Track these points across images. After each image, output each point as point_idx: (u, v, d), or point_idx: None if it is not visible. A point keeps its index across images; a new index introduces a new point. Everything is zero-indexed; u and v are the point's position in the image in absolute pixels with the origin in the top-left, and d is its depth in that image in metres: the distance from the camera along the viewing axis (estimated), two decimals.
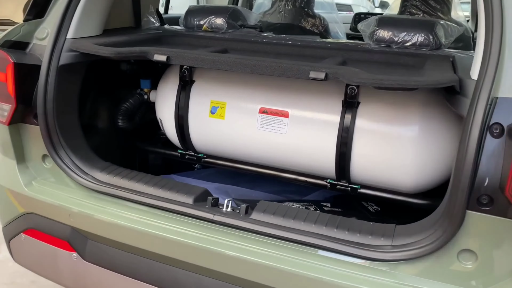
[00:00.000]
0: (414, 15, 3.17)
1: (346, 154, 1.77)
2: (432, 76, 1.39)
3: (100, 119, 2.22)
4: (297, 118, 1.85)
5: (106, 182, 1.82)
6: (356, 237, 1.48)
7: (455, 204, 1.29)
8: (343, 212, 2.21)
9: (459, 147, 1.29)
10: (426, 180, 1.76)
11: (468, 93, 1.32)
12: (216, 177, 2.54)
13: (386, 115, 1.74)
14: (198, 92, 2.02)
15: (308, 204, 2.25)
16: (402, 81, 1.36)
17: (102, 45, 1.84)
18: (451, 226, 1.31)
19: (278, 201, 2.25)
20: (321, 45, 2.12)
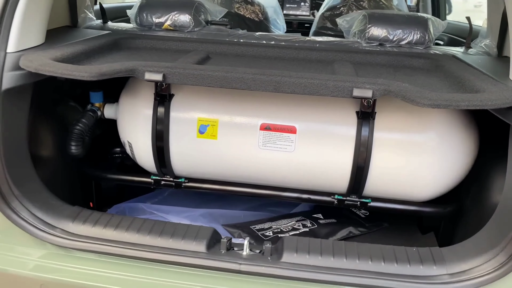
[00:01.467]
0: (359, 1, 3.10)
1: (364, 168, 1.61)
2: (494, 93, 1.27)
3: (47, 148, 1.76)
4: (307, 134, 1.63)
5: (84, 235, 1.43)
6: (407, 268, 1.34)
7: None
8: (337, 222, 2.08)
9: None
10: (442, 188, 1.69)
11: None
12: (176, 197, 2.23)
13: (404, 124, 1.61)
14: (180, 108, 1.68)
15: (302, 219, 2.07)
16: (477, 100, 1.22)
17: (61, 61, 1.40)
18: None
19: (269, 219, 2.05)
20: (311, 45, 1.90)
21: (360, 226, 2.06)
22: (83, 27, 2.07)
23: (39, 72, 1.34)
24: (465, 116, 1.64)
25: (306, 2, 4.68)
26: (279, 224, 2.00)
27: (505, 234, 1.27)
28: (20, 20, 1.39)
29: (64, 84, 1.90)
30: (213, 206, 2.12)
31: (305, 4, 4.66)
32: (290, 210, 2.17)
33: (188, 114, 1.67)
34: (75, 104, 2.02)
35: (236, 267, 1.35)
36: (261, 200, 2.19)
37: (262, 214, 2.11)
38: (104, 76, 1.34)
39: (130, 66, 1.36)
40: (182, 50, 1.82)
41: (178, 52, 1.80)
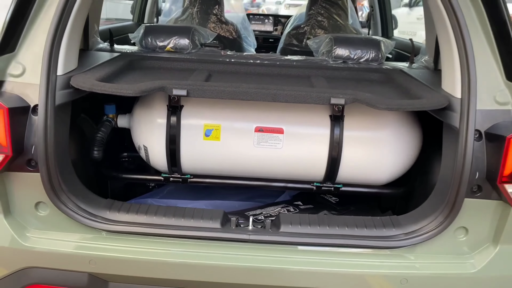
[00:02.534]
0: (320, 22, 3.61)
1: (336, 160, 2.06)
2: (431, 99, 1.76)
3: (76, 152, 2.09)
4: (292, 134, 2.07)
5: (120, 221, 1.78)
6: (374, 231, 1.80)
7: (457, 196, 1.68)
8: (314, 207, 2.52)
9: (456, 151, 1.68)
10: (396, 173, 2.17)
11: (453, 107, 1.72)
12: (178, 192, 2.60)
13: (366, 124, 2.08)
14: (189, 117, 2.06)
15: (286, 206, 2.50)
16: (419, 104, 1.70)
17: (101, 80, 1.76)
18: (453, 212, 1.71)
19: (259, 207, 2.46)
20: (289, 63, 2.35)
21: (333, 209, 2.52)
22: (94, 49, 2.41)
23: (92, 91, 1.70)
24: (411, 117, 2.13)
25: (269, 19, 5.17)
26: (267, 210, 2.42)
27: (442, 202, 1.75)
28: (65, 48, 1.74)
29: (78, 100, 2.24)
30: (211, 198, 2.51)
31: (269, 21, 5.15)
32: (274, 200, 2.59)
33: (196, 121, 2.07)
34: (85, 116, 2.36)
35: (246, 237, 1.75)
36: (250, 193, 2.60)
37: (252, 203, 2.51)
38: (143, 93, 1.72)
39: (161, 84, 1.75)
40: (186, 69, 2.21)
41: (183, 70, 2.19)
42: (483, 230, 1.77)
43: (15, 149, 1.64)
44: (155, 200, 2.40)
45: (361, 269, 1.75)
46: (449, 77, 1.80)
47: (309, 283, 1.74)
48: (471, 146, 1.64)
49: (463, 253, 1.79)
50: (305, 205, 2.52)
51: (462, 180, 1.66)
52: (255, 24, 5.04)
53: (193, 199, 2.47)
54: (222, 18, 3.72)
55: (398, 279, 1.72)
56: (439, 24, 1.81)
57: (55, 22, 1.67)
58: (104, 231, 1.76)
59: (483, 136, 1.67)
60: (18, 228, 1.77)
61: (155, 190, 2.61)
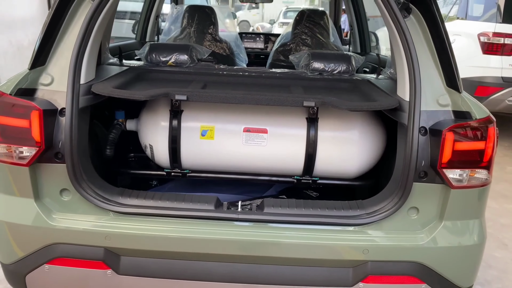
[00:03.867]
0: (304, 40, 4.03)
1: (312, 156, 2.45)
2: (384, 101, 2.15)
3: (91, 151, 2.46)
4: (274, 133, 2.45)
5: (131, 204, 2.15)
6: (342, 212, 2.17)
7: (407, 180, 2.06)
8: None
9: (405, 143, 2.06)
10: (364, 167, 2.55)
11: (404, 108, 2.11)
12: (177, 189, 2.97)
13: (338, 125, 2.47)
14: (188, 119, 2.45)
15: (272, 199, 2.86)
16: (373, 105, 2.09)
17: (117, 88, 2.15)
18: (405, 194, 2.09)
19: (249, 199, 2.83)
20: (273, 75, 2.75)
21: None
22: (106, 64, 2.81)
23: (111, 96, 2.09)
24: (376, 119, 2.52)
25: (260, 37, 5.62)
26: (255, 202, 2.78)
27: (396, 187, 2.13)
28: (86, 62, 2.13)
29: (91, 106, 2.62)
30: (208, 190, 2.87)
31: (260, 39, 5.59)
32: (262, 194, 2.96)
33: (194, 123, 2.45)
34: (97, 121, 2.74)
35: (235, 216, 2.13)
36: (242, 188, 2.98)
37: (242, 197, 2.88)
38: (152, 97, 2.11)
39: (166, 91, 2.14)
40: (185, 80, 2.61)
41: (183, 81, 2.58)
42: (431, 209, 2.14)
43: (46, 144, 2.02)
44: None
45: (332, 242, 2.11)
46: (401, 84, 2.20)
47: (289, 254, 2.10)
48: (417, 139, 2.03)
49: (415, 229, 2.16)
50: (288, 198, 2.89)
51: (410, 167, 2.04)
52: (248, 42, 5.47)
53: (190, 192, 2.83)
54: (216, 36, 4.13)
55: (361, 249, 2.09)
56: (393, 42, 2.22)
57: (79, 40, 2.06)
58: (117, 212, 2.12)
59: (427, 131, 2.07)
60: (46, 211, 2.13)
61: (158, 187, 2.98)
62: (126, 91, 2.12)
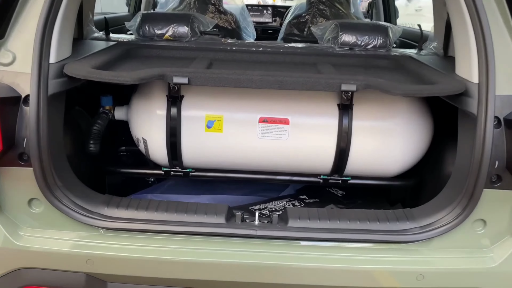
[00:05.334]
0: (322, 10, 3.50)
1: (345, 151, 1.97)
2: (448, 84, 1.66)
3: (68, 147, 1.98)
4: (298, 124, 1.97)
5: (120, 217, 1.68)
6: (387, 225, 1.71)
7: (475, 186, 1.59)
8: (320, 201, 2.43)
9: (474, 139, 1.58)
10: (407, 164, 2.07)
11: (471, 92, 1.62)
12: (179, 187, 2.50)
13: (376, 113, 1.98)
14: (190, 108, 1.96)
15: (291, 200, 2.40)
16: (436, 90, 1.60)
17: (98, 68, 1.66)
18: (471, 203, 1.62)
19: (263, 201, 2.37)
20: (294, 50, 2.25)
21: (339, 203, 2.42)
22: (89, 38, 2.30)
23: (87, 79, 1.59)
24: (422, 104, 2.03)
25: (268, 10, 5.06)
26: (272, 205, 2.32)
27: (459, 192, 1.66)
28: (58, 35, 1.63)
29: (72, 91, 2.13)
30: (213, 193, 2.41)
31: (268, 12, 5.04)
32: (278, 194, 2.50)
33: (197, 112, 1.96)
34: (80, 108, 2.25)
35: (252, 232, 1.66)
36: (253, 187, 2.51)
37: (255, 198, 2.42)
38: (142, 81, 1.61)
39: (160, 72, 1.64)
40: (185, 57, 2.10)
41: (182, 59, 2.08)
42: (502, 222, 1.68)
43: (5, 142, 1.54)
44: (155, 195, 2.30)
45: (375, 265, 1.66)
46: (464, 61, 1.70)
47: (320, 281, 1.64)
48: (491, 134, 1.54)
49: (481, 247, 1.70)
50: (310, 199, 2.42)
51: (481, 170, 1.57)
52: (254, 16, 4.93)
53: (194, 194, 2.37)
54: (220, 8, 3.61)
55: (414, 275, 1.63)
56: (452, 7, 1.71)
57: (47, 6, 1.56)
58: (102, 228, 1.66)
59: (502, 123, 1.58)
60: (11, 227, 1.67)
61: (155, 185, 2.51)
62: (108, 73, 1.63)
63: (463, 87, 1.62)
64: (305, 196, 2.46)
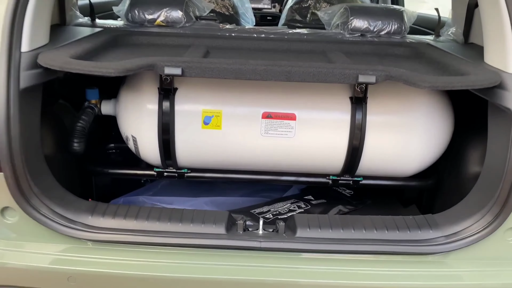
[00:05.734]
0: None
1: (358, 149, 1.76)
2: (481, 75, 1.45)
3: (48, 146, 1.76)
4: (306, 120, 1.76)
5: (106, 227, 1.48)
6: (408, 234, 1.51)
7: (510, 191, 1.39)
8: (327, 202, 2.23)
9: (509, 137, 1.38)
10: (425, 163, 1.87)
11: (506, 85, 1.41)
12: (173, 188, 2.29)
13: (393, 107, 1.77)
14: (184, 101, 1.75)
15: (296, 201, 2.20)
16: (469, 82, 1.39)
17: (77, 58, 1.44)
18: (505, 210, 1.42)
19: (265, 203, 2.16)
20: (299, 37, 2.03)
21: (348, 204, 2.23)
22: (72, 24, 2.07)
23: (64, 70, 1.37)
24: (443, 97, 1.83)
25: None
26: (275, 207, 2.12)
27: (490, 197, 1.46)
28: (31, 19, 1.41)
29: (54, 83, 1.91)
30: (210, 194, 2.21)
31: None
32: (282, 195, 2.29)
33: (193, 107, 1.75)
34: (64, 102, 2.03)
35: (257, 244, 1.46)
36: (255, 187, 2.31)
37: (257, 199, 2.22)
38: (129, 72, 1.40)
39: (150, 62, 1.42)
40: (179, 45, 1.88)
41: (176, 47, 1.86)
42: None
43: None
44: (147, 197, 2.10)
45: (396, 281, 1.46)
46: (497, 49, 1.49)
47: None
48: None
49: None
50: (317, 199, 2.23)
51: None
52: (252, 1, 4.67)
53: (191, 196, 2.17)
54: None
55: None
56: None
57: None
58: (86, 240, 1.46)
59: None
60: None
61: (148, 185, 2.30)
62: (89, 63, 1.41)
63: (498, 78, 1.41)
64: (311, 197, 2.27)
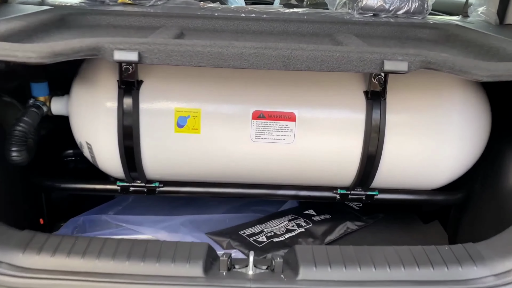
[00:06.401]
0: None
1: (375, 156, 1.39)
2: None
3: None
4: (308, 120, 1.38)
5: (41, 269, 1.09)
6: (446, 272, 1.14)
7: None
8: (332, 217, 1.86)
9: None
10: (458, 173, 1.51)
11: None
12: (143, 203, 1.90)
13: (419, 104, 1.40)
14: (152, 98, 1.36)
15: (294, 218, 1.83)
16: None
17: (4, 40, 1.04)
18: None
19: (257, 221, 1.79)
20: (299, 17, 1.64)
21: (357, 219, 1.86)
22: (17, 2, 1.67)
23: None
24: (479, 91, 1.45)
25: None
26: (270, 226, 1.74)
27: None
28: None
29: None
30: (189, 211, 1.83)
31: None
32: (277, 209, 1.92)
33: (163, 104, 1.36)
34: (11, 99, 1.63)
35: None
36: (244, 200, 1.93)
37: (247, 215, 1.84)
38: (58, 57, 1.00)
39: (93, 44, 1.03)
40: (147, 26, 1.49)
41: (143, 29, 1.48)
42: None
43: None
44: (112, 216, 1.72)
45: None
46: None
47: None
48: None
49: None
50: (319, 215, 1.86)
51: None
52: None
53: (166, 212, 1.79)
54: None
55: None
56: None
57: None
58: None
59: None
60: None
61: (114, 200, 1.91)
62: (2, 45, 1.01)
63: None
64: (312, 211, 1.90)
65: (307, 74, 1.35)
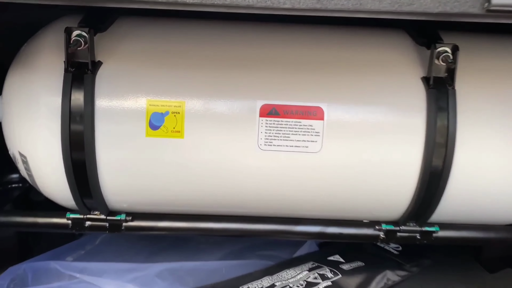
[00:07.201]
0: None
1: (442, 173, 0.94)
2: None
3: None
4: (341, 121, 0.94)
5: None
6: None
7: None
8: (366, 266, 1.39)
9: None
10: None
11: None
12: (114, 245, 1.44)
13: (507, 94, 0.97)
14: (115, 86, 0.94)
15: (316, 267, 1.35)
16: None
17: None
18: None
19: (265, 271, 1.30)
20: None
21: (398, 267, 1.39)
22: None
23: None
24: None
25: None
26: (283, 278, 1.26)
27: None
28: None
29: None
30: (173, 255, 1.36)
31: None
32: (292, 253, 1.44)
33: (130, 96, 0.93)
34: None
35: None
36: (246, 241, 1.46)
37: (251, 262, 1.37)
38: None
39: None
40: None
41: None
42: None
43: None
44: (63, 263, 1.25)
45: None
46: None
47: None
48: None
49: None
50: (349, 262, 1.38)
51: None
52: None
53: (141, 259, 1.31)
54: None
55: None
56: None
57: None
58: None
59: None
60: None
61: (76, 241, 1.44)
62: None
63: None
64: (339, 257, 1.42)
65: (339, 52, 0.94)
